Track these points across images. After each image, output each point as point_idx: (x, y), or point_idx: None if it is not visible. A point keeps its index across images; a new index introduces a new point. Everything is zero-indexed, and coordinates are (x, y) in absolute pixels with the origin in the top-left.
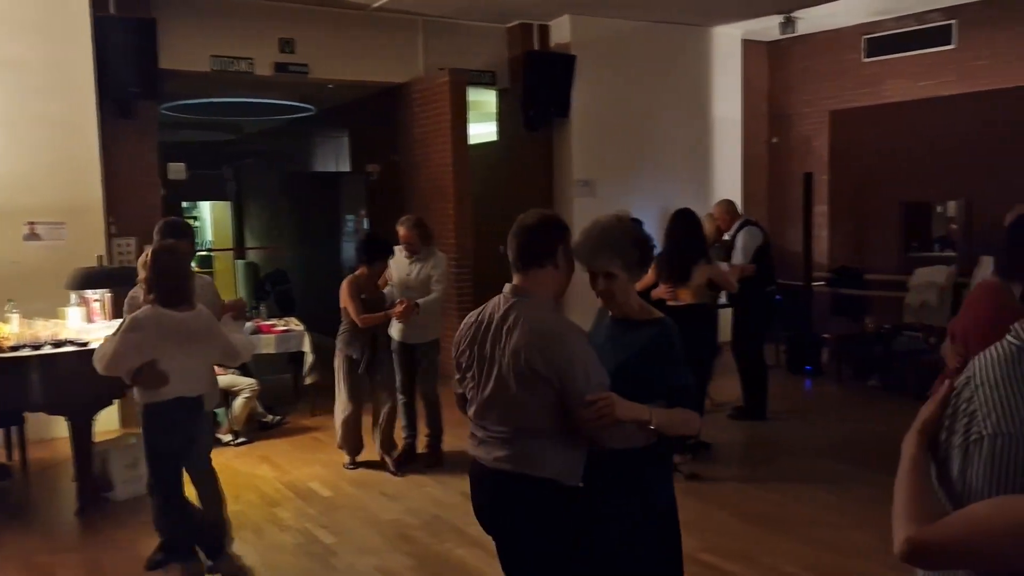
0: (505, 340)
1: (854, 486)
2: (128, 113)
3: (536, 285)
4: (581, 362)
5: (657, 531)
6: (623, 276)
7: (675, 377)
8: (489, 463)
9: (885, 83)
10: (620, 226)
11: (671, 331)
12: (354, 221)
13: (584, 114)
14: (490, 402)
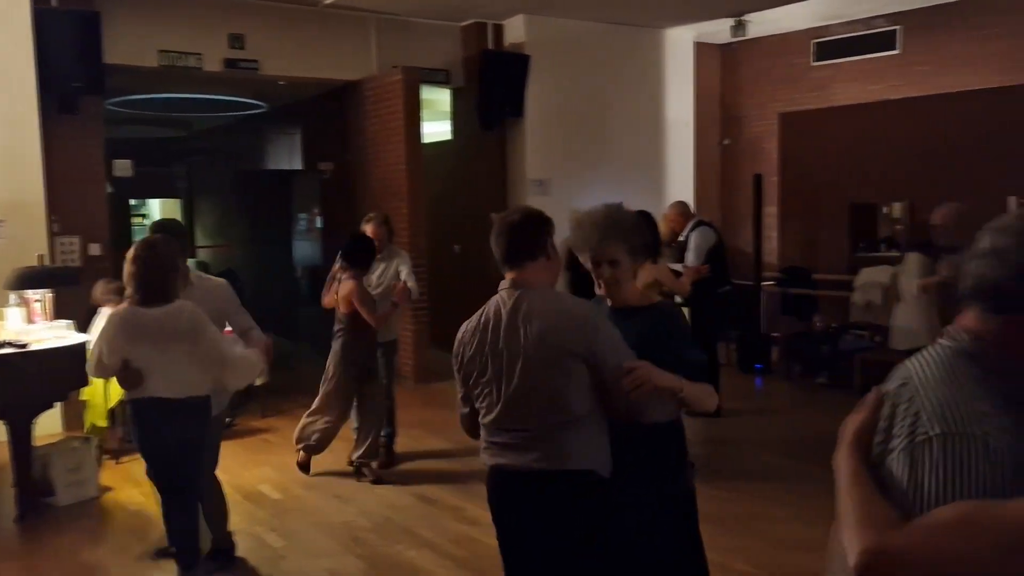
0: (525, 330)
1: (800, 481)
2: (71, 108)
3: (533, 276)
4: (608, 336)
5: (674, 518)
6: (627, 262)
7: (688, 354)
8: (522, 466)
9: (834, 87)
10: (620, 213)
11: (673, 312)
12: (307, 220)
13: (538, 114)
14: (516, 399)
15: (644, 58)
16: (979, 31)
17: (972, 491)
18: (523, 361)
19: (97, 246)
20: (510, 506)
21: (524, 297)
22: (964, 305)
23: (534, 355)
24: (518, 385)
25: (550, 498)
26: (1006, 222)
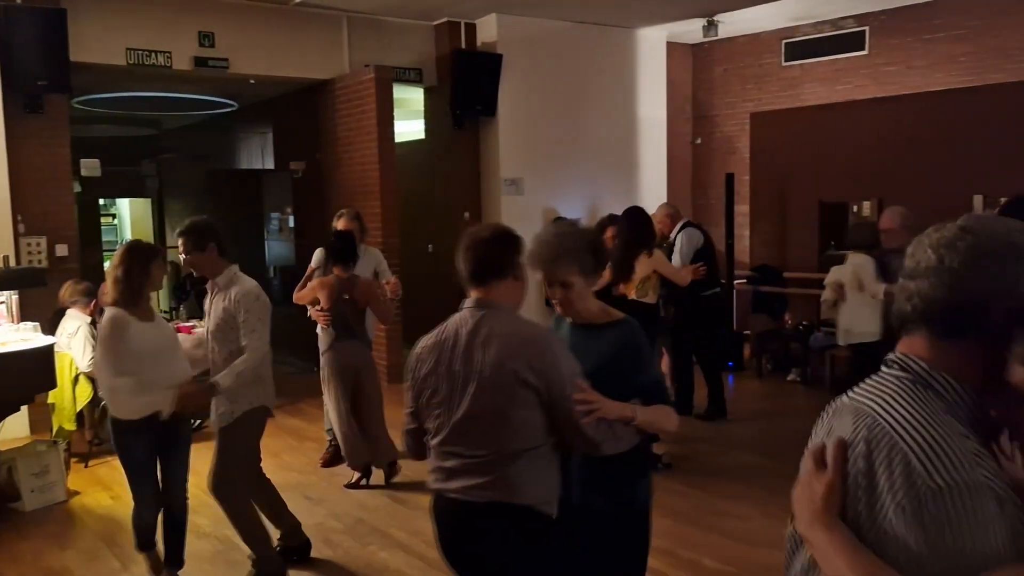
0: (483, 353)
1: (770, 479)
2: (36, 107)
3: (499, 296)
4: (567, 367)
5: (632, 533)
6: (580, 283)
7: (647, 375)
8: (464, 495)
9: (803, 87)
10: (574, 232)
11: (636, 330)
12: (279, 220)
13: (511, 113)
14: (466, 423)
15: (616, 58)
16: (945, 32)
17: (998, 541)
18: (476, 385)
19: (64, 247)
20: (453, 534)
21: (487, 319)
22: (909, 328)
23: (488, 380)
24: (468, 410)
25: (492, 532)
26: (950, 236)
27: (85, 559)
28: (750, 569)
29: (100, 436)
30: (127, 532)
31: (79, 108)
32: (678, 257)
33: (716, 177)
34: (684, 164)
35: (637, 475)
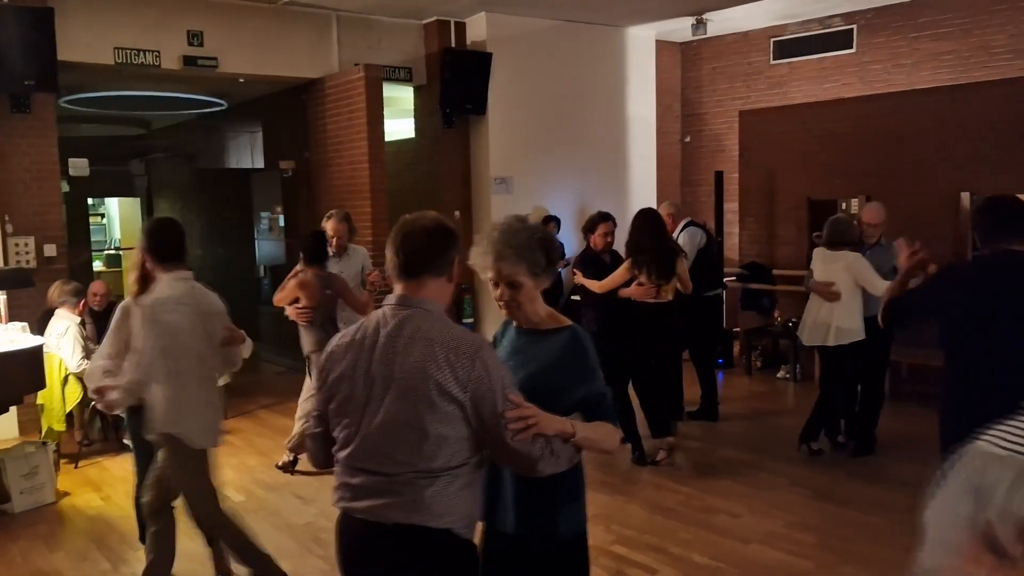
0: (403, 359)
1: (759, 475)
2: (23, 107)
3: (429, 295)
4: (498, 378)
5: (568, 562)
6: (529, 283)
7: (591, 387)
8: (373, 516)
9: (792, 84)
10: (524, 229)
11: (584, 338)
12: (269, 219)
13: (501, 112)
14: (380, 435)
15: (605, 56)
16: (931, 31)
17: None
18: (393, 394)
19: (52, 247)
20: (360, 559)
21: (411, 320)
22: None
23: (407, 389)
24: (383, 420)
25: (405, 557)
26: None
27: (75, 560)
28: (740, 564)
29: (89, 437)
30: (117, 533)
31: (67, 108)
32: None
33: (705, 175)
34: (673, 162)
35: (571, 498)
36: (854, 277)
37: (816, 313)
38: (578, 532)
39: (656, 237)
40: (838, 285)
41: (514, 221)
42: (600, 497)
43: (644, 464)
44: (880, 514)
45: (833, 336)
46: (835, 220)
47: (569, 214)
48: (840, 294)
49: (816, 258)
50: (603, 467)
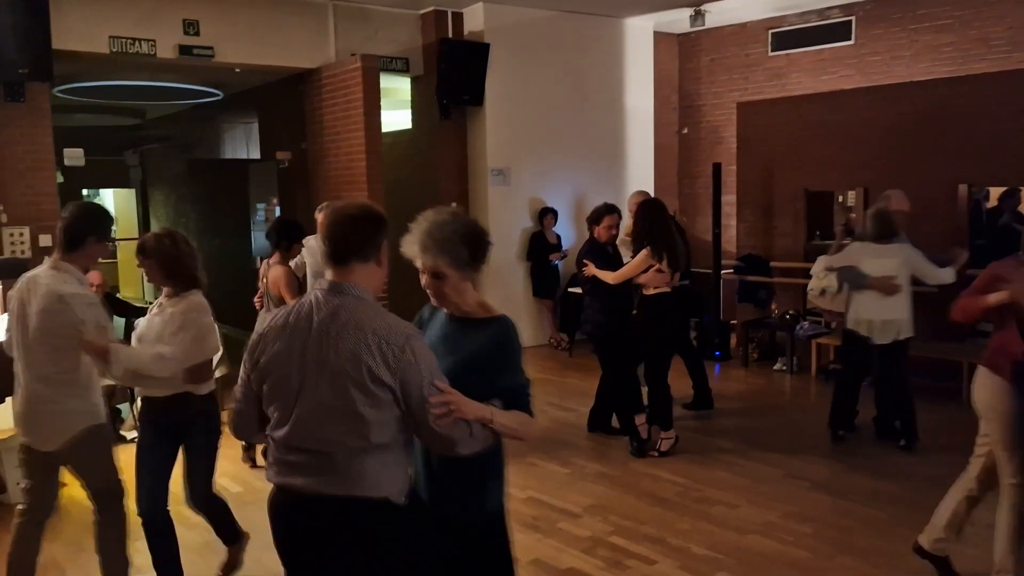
0: (337, 344)
1: (756, 467)
2: (17, 96)
3: (359, 281)
4: (426, 365)
5: (488, 537)
6: (453, 275)
7: (512, 378)
8: (312, 489)
9: (790, 76)
10: (451, 223)
11: (511, 330)
12: (265, 210)
13: (498, 103)
14: (313, 417)
15: (603, 47)
16: (930, 23)
17: None
18: (328, 377)
19: (48, 236)
20: (297, 531)
21: (344, 305)
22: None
23: (340, 374)
24: (317, 402)
25: (340, 525)
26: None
27: (72, 551)
28: (738, 555)
29: None
30: None
31: (61, 97)
32: None
33: (702, 167)
34: (671, 154)
35: (493, 476)
36: (911, 269)
37: (880, 310)
38: (498, 509)
39: (668, 225)
40: (898, 279)
41: (445, 215)
42: (597, 488)
43: (643, 456)
44: (879, 506)
45: (905, 330)
46: (881, 213)
47: (566, 206)
48: (900, 287)
49: (857, 253)
50: (601, 458)
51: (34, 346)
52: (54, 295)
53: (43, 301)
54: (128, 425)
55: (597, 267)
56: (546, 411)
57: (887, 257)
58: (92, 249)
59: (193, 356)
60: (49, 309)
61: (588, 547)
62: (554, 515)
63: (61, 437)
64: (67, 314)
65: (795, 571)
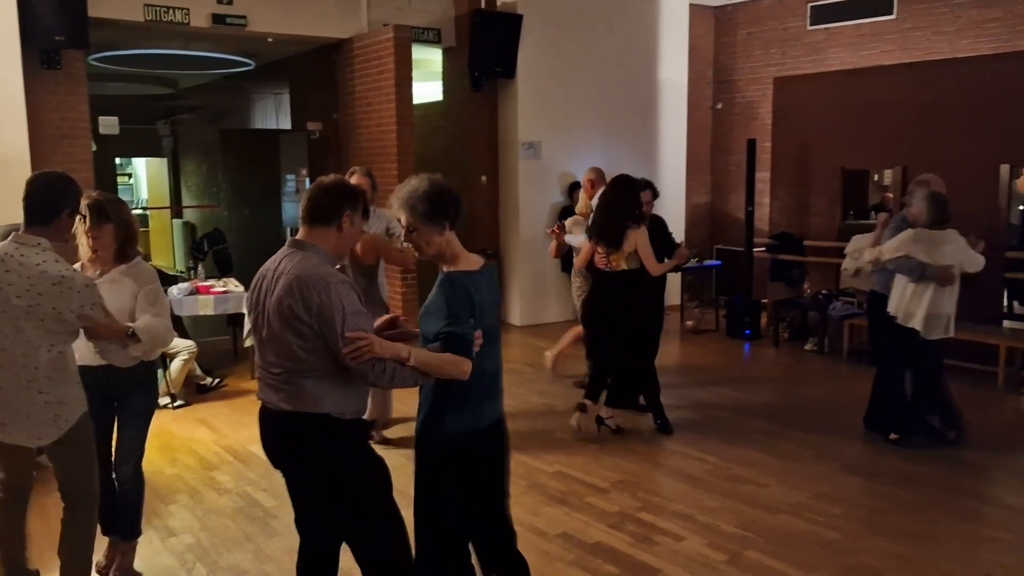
0: (275, 286)
1: (782, 445)
2: (54, 63)
3: (318, 241)
4: (339, 307)
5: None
6: (422, 229)
7: (447, 325)
8: (271, 404)
9: (828, 51)
10: (417, 184)
11: (447, 283)
12: (295, 180)
13: (530, 75)
14: (266, 345)
15: (638, 19)
16: None
17: None
18: (271, 313)
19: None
20: (267, 438)
21: (291, 258)
22: None
23: (276, 311)
24: (267, 335)
25: (289, 435)
26: None
27: None
28: (767, 534)
29: None
30: (150, 487)
31: (95, 65)
32: None
33: (736, 143)
34: (704, 129)
35: (457, 405)
36: (961, 258)
37: (931, 303)
38: (463, 436)
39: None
40: (956, 269)
41: (418, 179)
42: (626, 464)
43: (669, 433)
44: (909, 488)
45: (952, 326)
46: (938, 196)
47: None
48: (956, 277)
49: (914, 240)
50: (628, 434)
51: (17, 333)
52: (48, 276)
53: (33, 283)
54: (161, 391)
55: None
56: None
57: (944, 244)
58: (65, 224)
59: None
60: (45, 292)
61: (616, 522)
62: (582, 489)
63: (57, 430)
64: (65, 297)
65: (826, 551)
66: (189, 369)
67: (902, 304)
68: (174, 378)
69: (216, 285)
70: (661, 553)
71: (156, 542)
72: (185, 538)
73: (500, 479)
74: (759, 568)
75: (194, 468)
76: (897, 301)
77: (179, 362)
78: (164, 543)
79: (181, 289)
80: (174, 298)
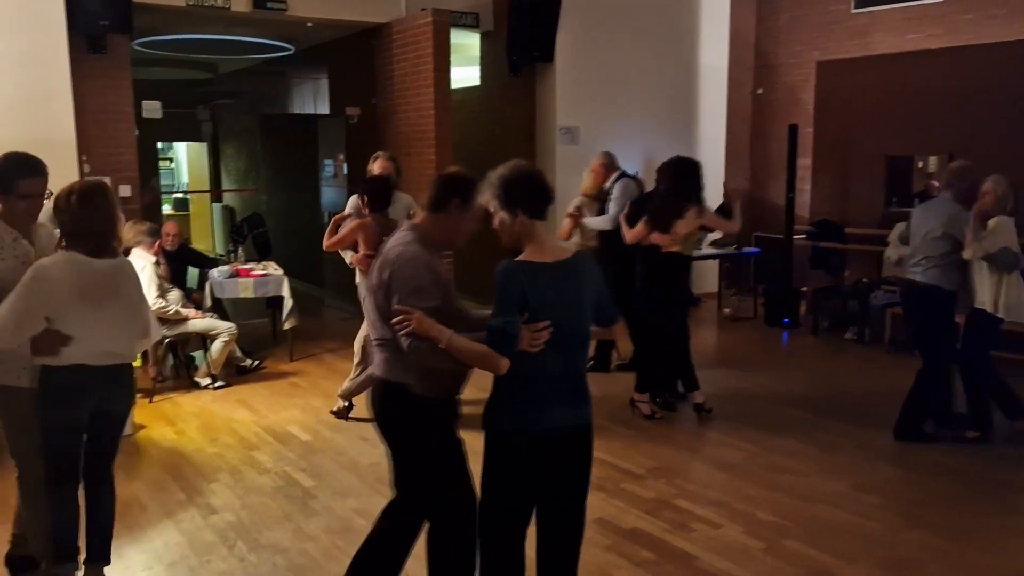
0: (378, 262)
1: (821, 435)
2: (99, 48)
3: (429, 225)
4: (402, 282)
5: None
6: (498, 214)
7: (492, 316)
8: (376, 371)
9: (873, 35)
10: (503, 168)
11: (497, 272)
12: (333, 165)
13: (569, 60)
14: (368, 315)
15: (678, 3)
16: None
17: None
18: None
19: (127, 187)
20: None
21: (397, 237)
22: None
23: (375, 283)
24: (367, 303)
25: (379, 402)
26: None
27: (153, 490)
28: (804, 523)
29: (163, 374)
30: (192, 465)
31: (137, 50)
32: (614, 207)
33: (777, 129)
34: (744, 115)
35: (500, 400)
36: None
37: (1018, 291)
38: (512, 434)
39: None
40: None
41: (505, 165)
42: (662, 451)
43: (672, 410)
44: (950, 480)
45: (1011, 312)
46: (1004, 180)
47: (635, 165)
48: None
49: (1008, 228)
50: (665, 421)
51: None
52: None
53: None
54: (202, 372)
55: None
56: (611, 374)
57: (1007, 231)
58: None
59: None
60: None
61: (652, 508)
62: (618, 475)
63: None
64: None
65: (864, 542)
66: (229, 351)
67: (1000, 296)
68: (215, 359)
69: (256, 268)
70: (698, 540)
71: (198, 519)
72: (226, 516)
73: (564, 498)
74: (797, 557)
75: (235, 447)
76: (991, 294)
77: (220, 343)
78: (206, 520)
79: (222, 272)
80: (215, 280)
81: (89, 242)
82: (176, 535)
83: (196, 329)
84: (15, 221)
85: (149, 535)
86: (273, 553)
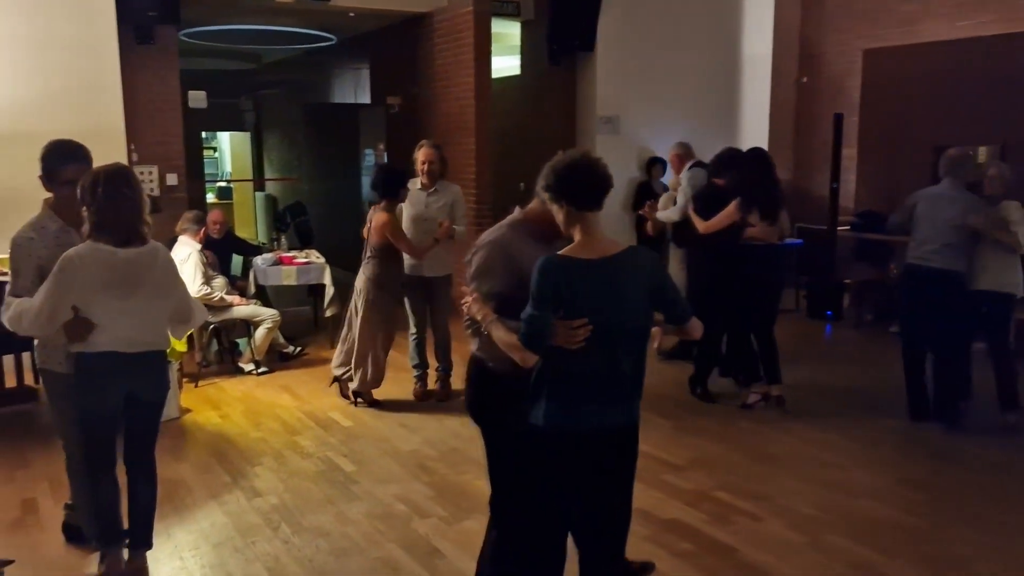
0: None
1: (863, 429)
2: (147, 38)
3: (530, 210)
4: (475, 264)
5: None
6: (548, 201)
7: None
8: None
9: (921, 22)
10: (560, 156)
11: (537, 264)
12: (373, 154)
13: (610, 48)
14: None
15: None
16: None
17: None
18: None
19: (174, 176)
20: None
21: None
22: None
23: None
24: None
25: (469, 375)
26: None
27: (198, 471)
28: (848, 518)
29: (208, 358)
30: (236, 449)
31: (184, 40)
32: (681, 198)
33: (821, 119)
34: (788, 104)
35: (533, 395)
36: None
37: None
38: (532, 426)
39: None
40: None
41: (563, 153)
42: (703, 443)
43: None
44: (997, 476)
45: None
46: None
47: None
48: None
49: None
50: (705, 413)
51: None
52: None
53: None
54: (246, 358)
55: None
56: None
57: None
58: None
59: None
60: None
61: (692, 500)
62: (657, 466)
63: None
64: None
65: (908, 537)
66: (272, 337)
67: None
68: (258, 345)
69: (298, 256)
70: (738, 533)
71: (243, 501)
72: (271, 499)
73: (600, 501)
74: (840, 552)
75: (278, 432)
76: (1013, 275)
77: (263, 330)
78: (250, 503)
79: (265, 260)
80: (259, 268)
81: (117, 233)
82: (222, 516)
83: (240, 316)
84: (63, 211)
85: (196, 516)
86: (316, 536)
